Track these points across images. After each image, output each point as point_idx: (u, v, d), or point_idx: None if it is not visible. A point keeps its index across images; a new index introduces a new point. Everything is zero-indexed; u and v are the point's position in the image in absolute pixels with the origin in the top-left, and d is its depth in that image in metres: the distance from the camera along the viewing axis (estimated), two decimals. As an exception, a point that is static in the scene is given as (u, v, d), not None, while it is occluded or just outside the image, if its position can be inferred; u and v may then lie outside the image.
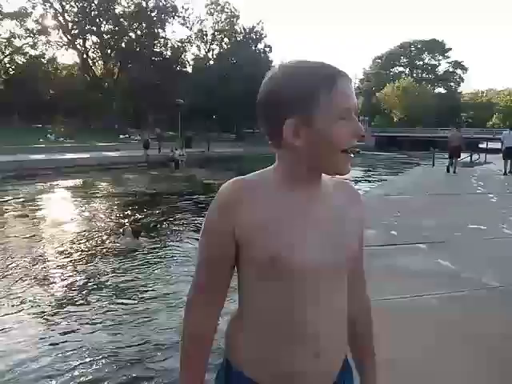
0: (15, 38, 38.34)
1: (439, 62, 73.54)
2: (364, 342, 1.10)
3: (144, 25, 42.83)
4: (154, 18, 42.78)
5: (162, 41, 45.08)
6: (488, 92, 78.62)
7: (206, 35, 49.10)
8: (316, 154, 0.86)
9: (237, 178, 0.92)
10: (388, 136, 48.74)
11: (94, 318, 4.31)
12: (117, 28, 41.89)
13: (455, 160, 14.62)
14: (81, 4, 39.96)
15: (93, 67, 43.84)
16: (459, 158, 15.15)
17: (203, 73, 42.18)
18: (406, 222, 6.54)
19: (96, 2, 40.26)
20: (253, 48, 45.92)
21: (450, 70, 72.89)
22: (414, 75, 71.85)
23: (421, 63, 74.22)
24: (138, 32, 43.70)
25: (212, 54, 49.62)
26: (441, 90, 72.39)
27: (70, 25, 40.60)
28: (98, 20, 40.98)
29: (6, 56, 39.50)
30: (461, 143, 14.80)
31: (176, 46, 46.51)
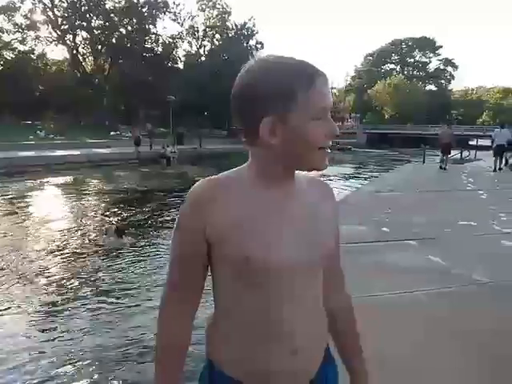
0: (3, 32, 37.61)
1: (430, 59, 73.98)
2: (347, 341, 1.09)
3: (135, 20, 42.31)
4: (145, 14, 42.33)
5: (153, 37, 44.64)
6: (478, 89, 79.42)
7: (198, 31, 48.82)
8: (292, 152, 0.86)
9: (212, 176, 0.92)
10: (379, 133, 48.89)
11: (76, 318, 4.23)
12: (107, 23, 41.36)
13: (446, 157, 14.75)
14: (70, -1, 39.53)
15: (83, 63, 43.27)
16: (449, 154, 15.28)
17: (195, 69, 41.98)
18: (396, 219, 6.56)
19: (86, -4, 39.83)
20: (244, 44, 45.79)
21: (441, 67, 73.36)
22: (405, 72, 72.19)
23: (412, 61, 74.55)
24: (129, 28, 43.20)
25: (203, 51, 49.34)
26: (432, 87, 72.73)
27: (59, 20, 39.95)
28: (88, 15, 40.43)
29: (-6, 51, 38.95)
30: (451, 140, 14.92)
31: (167, 42, 46.06)
